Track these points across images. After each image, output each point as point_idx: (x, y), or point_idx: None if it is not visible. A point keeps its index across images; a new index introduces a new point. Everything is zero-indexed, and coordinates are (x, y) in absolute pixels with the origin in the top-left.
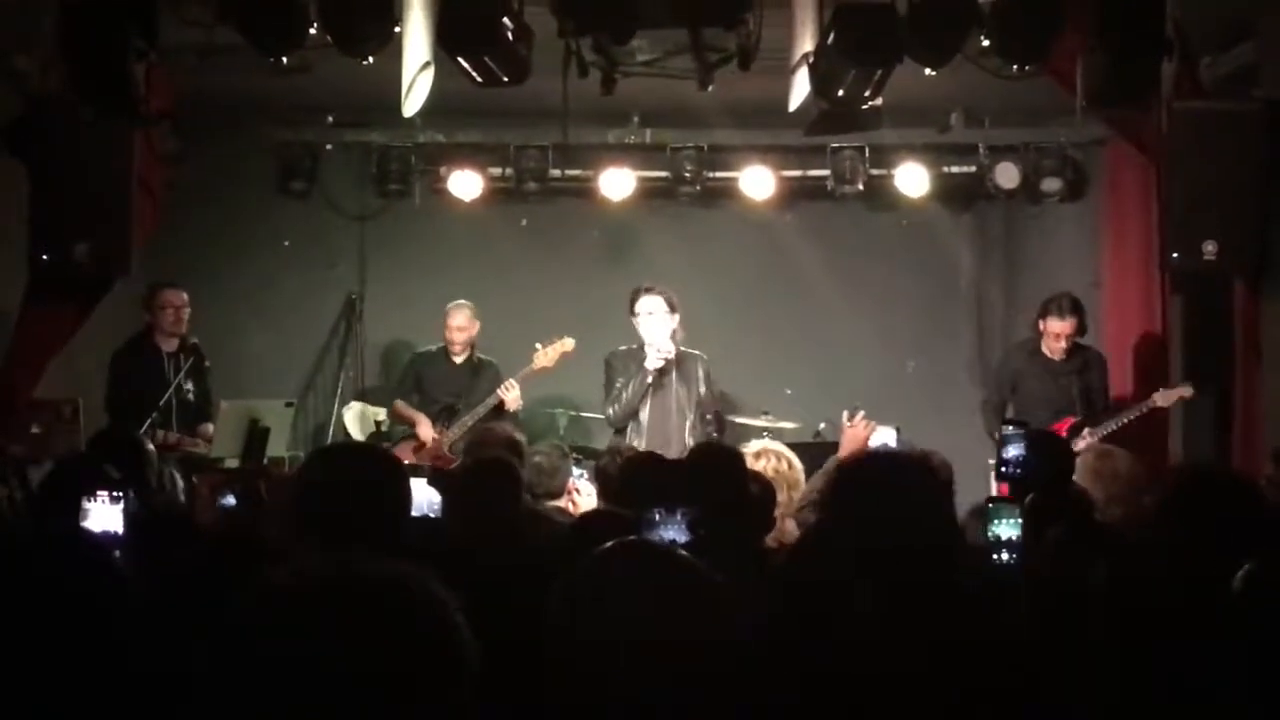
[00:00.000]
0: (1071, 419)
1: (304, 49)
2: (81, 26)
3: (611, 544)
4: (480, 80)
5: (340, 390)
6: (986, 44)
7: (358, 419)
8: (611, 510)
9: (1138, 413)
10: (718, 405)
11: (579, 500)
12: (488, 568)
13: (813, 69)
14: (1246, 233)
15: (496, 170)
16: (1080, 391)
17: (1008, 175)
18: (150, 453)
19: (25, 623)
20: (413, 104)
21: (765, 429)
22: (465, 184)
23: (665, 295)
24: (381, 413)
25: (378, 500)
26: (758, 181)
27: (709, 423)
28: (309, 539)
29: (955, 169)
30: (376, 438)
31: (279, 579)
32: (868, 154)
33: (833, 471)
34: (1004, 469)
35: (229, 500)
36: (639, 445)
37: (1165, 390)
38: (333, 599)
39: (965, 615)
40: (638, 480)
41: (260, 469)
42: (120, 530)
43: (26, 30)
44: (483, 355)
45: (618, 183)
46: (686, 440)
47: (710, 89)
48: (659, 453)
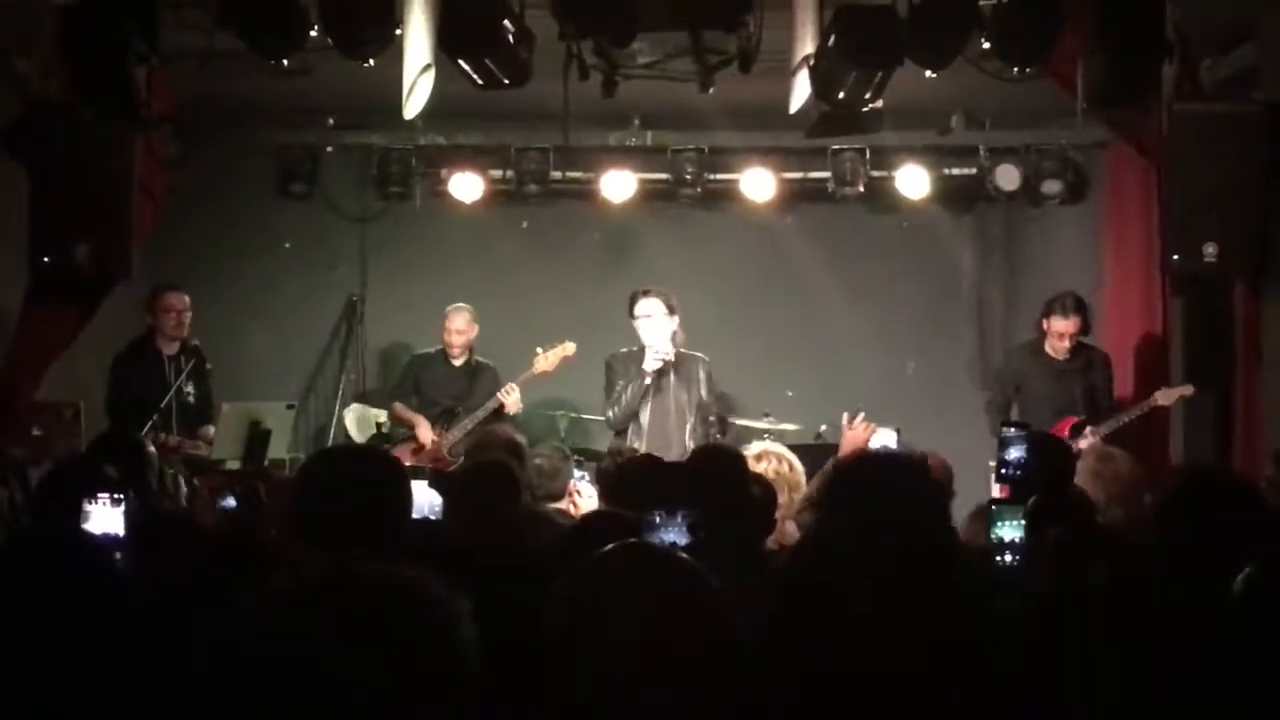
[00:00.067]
0: (1074, 418)
1: (305, 51)
2: (82, 29)
3: (612, 546)
4: (481, 83)
5: (341, 392)
6: (987, 46)
7: (358, 421)
8: (612, 512)
9: (1139, 412)
10: (719, 407)
11: (580, 502)
12: (488, 569)
13: (813, 71)
14: (1247, 234)
15: (497, 172)
16: (1084, 391)
17: (1008, 177)
18: (151, 455)
19: (26, 624)
20: (413, 106)
21: (766, 431)
22: (466, 186)
23: (664, 297)
24: (383, 415)
25: (378, 502)
26: (758, 183)
27: (711, 425)
28: (309, 540)
29: (956, 171)
30: (377, 440)
31: (279, 580)
32: (868, 156)
33: (829, 472)
34: (1004, 471)
35: (229, 502)
36: (639, 447)
37: (1167, 389)
38: (333, 600)
39: (965, 615)
40: (638, 482)
41: (260, 471)
42: (121, 532)
43: (27, 32)
44: (481, 358)
45: (618, 185)
46: (687, 442)
47: (711, 91)
48: (659, 455)
